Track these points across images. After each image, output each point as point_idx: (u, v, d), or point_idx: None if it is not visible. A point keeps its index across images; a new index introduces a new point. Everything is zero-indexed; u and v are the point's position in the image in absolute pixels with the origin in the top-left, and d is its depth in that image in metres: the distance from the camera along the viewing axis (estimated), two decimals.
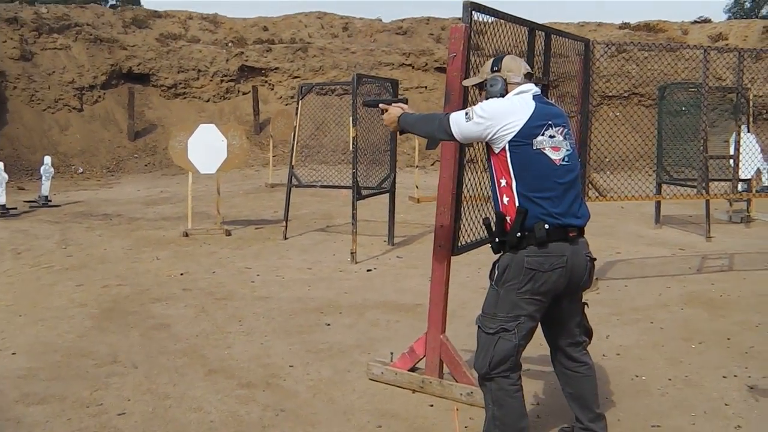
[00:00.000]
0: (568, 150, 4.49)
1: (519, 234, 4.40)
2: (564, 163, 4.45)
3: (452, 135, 4.66)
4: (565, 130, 4.54)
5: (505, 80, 4.65)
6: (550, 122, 4.46)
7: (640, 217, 15.04)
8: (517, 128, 4.40)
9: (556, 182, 4.41)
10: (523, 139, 4.40)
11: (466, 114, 4.58)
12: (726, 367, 6.42)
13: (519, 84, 4.64)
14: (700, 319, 7.91)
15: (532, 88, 4.64)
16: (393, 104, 5.18)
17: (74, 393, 5.77)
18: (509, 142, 4.43)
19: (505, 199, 4.49)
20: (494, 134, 4.46)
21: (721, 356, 6.71)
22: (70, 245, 11.65)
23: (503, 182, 4.49)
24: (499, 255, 4.61)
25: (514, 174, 4.44)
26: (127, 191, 19.11)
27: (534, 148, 4.40)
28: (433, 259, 5.73)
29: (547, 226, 4.36)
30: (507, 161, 4.46)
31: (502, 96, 4.63)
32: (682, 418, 5.35)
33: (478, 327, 4.59)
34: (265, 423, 5.27)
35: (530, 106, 4.48)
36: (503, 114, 4.47)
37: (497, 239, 4.57)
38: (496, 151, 4.51)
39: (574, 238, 4.46)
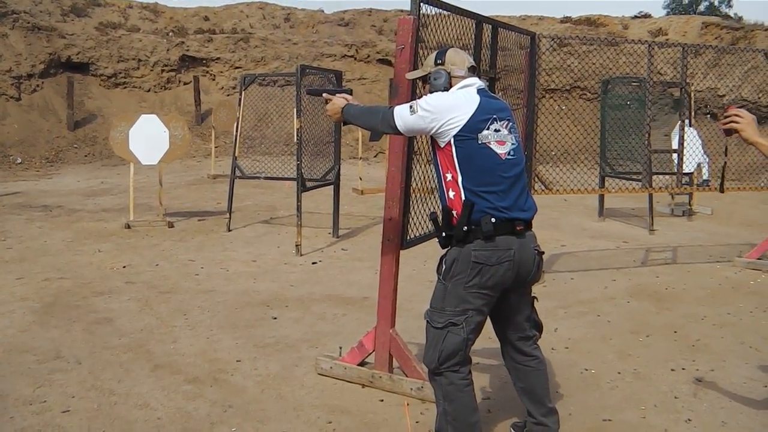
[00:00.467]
0: (513, 144, 4.48)
1: (466, 228, 4.38)
2: (509, 157, 4.44)
3: (396, 128, 4.62)
4: (510, 123, 4.52)
5: (448, 73, 4.63)
6: (494, 116, 4.44)
7: (584, 209, 15.15)
8: (462, 122, 4.38)
9: (501, 176, 4.39)
10: (468, 134, 4.38)
11: (411, 107, 4.54)
12: (674, 360, 6.47)
13: (463, 77, 4.63)
14: (646, 312, 7.98)
15: (476, 82, 4.61)
16: (337, 94, 5.11)
17: (16, 390, 5.64)
18: (454, 136, 4.41)
19: (452, 194, 4.47)
20: (439, 128, 4.44)
21: (669, 349, 6.77)
22: (9, 237, 11.43)
23: (449, 176, 4.47)
24: (446, 249, 4.58)
25: (459, 168, 4.42)
26: (67, 182, 18.82)
27: (479, 142, 4.37)
28: (382, 254, 5.68)
29: (493, 220, 4.33)
30: (452, 156, 4.44)
31: (446, 89, 4.61)
32: (633, 412, 5.38)
33: (427, 322, 4.56)
34: (214, 419, 5.20)
35: (475, 101, 4.45)
36: (447, 108, 4.44)
37: (444, 234, 4.55)
38: (441, 146, 4.49)
39: (522, 232, 4.44)
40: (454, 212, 4.46)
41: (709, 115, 22.97)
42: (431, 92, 4.64)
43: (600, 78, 15.09)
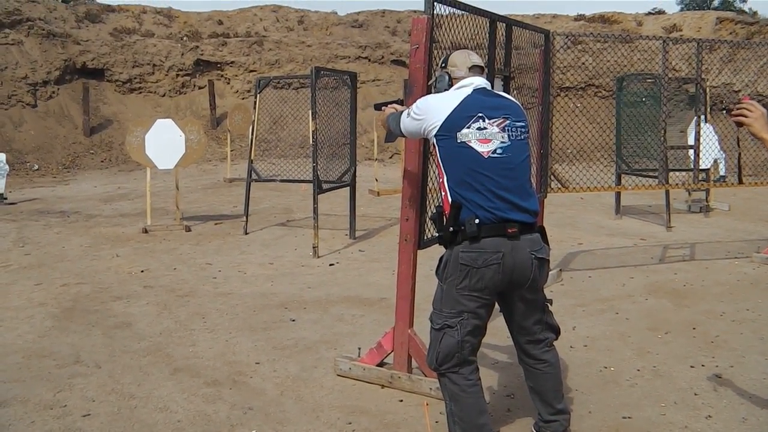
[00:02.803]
0: (503, 142, 4.41)
1: (452, 229, 4.39)
2: (495, 155, 4.38)
3: (402, 132, 4.85)
4: (507, 122, 4.47)
5: (449, 75, 4.70)
6: (480, 114, 4.42)
7: (600, 207, 15.10)
8: (440, 122, 4.45)
9: (484, 175, 4.34)
10: (446, 133, 4.43)
11: (408, 111, 4.72)
12: (693, 356, 6.45)
13: (463, 78, 4.66)
14: (665, 309, 7.95)
15: (474, 82, 4.62)
16: (389, 105, 5.37)
17: (37, 395, 5.67)
18: (435, 136, 4.49)
19: (443, 194, 4.52)
20: (426, 130, 4.54)
21: (688, 346, 6.74)
22: (27, 243, 11.49)
23: (440, 178, 4.53)
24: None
25: (444, 168, 4.47)
26: (84, 188, 18.90)
27: (458, 141, 4.39)
28: (399, 254, 5.69)
29: (477, 221, 4.30)
30: (438, 156, 4.51)
31: (447, 91, 4.68)
32: (653, 409, 5.36)
33: (430, 322, 4.59)
34: (233, 422, 5.21)
35: (458, 99, 4.49)
36: (429, 109, 4.55)
37: (438, 234, 4.59)
38: (431, 147, 4.62)
39: (515, 234, 4.35)
40: (445, 213, 4.48)
41: (724, 111, 22.84)
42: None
43: (614, 75, 15.08)
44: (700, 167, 11.51)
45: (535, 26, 8.46)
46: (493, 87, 5.08)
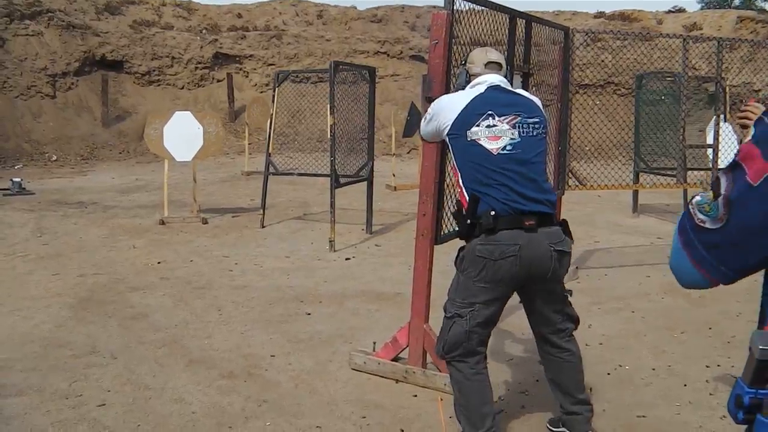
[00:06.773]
0: (512, 138, 4.41)
1: (469, 221, 4.41)
2: (505, 152, 4.38)
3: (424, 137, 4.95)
4: (519, 119, 4.47)
5: (467, 72, 4.73)
6: (490, 111, 4.43)
7: (617, 205, 15.03)
8: (451, 121, 4.49)
9: (496, 171, 4.36)
10: (456, 131, 4.47)
11: (425, 115, 4.80)
12: (709, 356, 6.42)
13: (479, 74, 4.69)
14: (681, 309, 7.92)
15: (489, 79, 4.63)
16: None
17: (52, 384, 5.70)
18: (447, 135, 4.54)
19: (458, 191, 4.58)
20: (440, 130, 4.59)
21: (704, 346, 6.72)
22: (45, 233, 11.53)
23: (455, 176, 4.60)
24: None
25: (458, 167, 4.51)
26: (102, 179, 18.92)
27: (468, 139, 4.41)
28: (416, 248, 5.70)
29: (493, 213, 4.32)
30: (451, 154, 4.57)
31: (463, 88, 4.72)
32: (668, 409, 5.35)
33: (443, 311, 4.63)
34: (248, 414, 5.23)
35: (468, 98, 4.52)
36: (443, 109, 4.60)
37: (457, 227, 4.64)
38: (446, 146, 4.67)
39: (532, 227, 4.35)
40: (464, 207, 4.50)
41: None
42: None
43: (634, 73, 15.00)
44: (719, 167, 11.44)
45: (554, 23, 8.45)
46: (512, 83, 5.09)
